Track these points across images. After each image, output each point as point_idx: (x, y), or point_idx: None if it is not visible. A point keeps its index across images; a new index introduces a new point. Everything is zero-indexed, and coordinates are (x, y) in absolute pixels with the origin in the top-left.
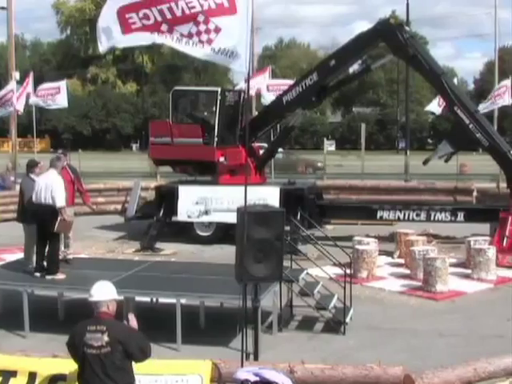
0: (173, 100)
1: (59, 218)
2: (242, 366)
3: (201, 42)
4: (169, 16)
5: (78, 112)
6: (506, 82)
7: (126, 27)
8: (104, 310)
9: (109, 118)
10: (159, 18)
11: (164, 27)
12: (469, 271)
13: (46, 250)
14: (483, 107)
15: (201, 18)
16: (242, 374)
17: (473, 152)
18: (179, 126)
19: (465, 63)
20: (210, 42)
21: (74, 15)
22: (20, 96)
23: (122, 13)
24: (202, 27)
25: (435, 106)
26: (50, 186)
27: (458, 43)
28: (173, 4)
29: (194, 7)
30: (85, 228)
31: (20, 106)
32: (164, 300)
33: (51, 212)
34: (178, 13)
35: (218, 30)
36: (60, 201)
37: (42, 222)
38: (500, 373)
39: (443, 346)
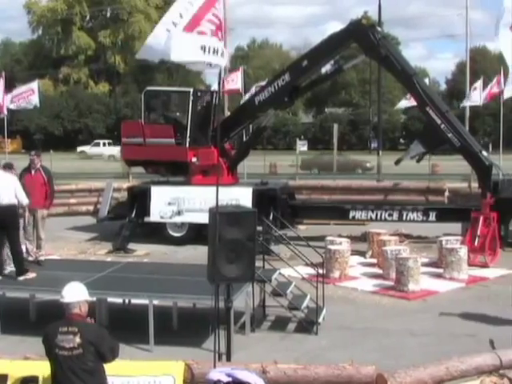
0: (145, 100)
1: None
2: (214, 366)
3: (214, 32)
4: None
5: (49, 112)
6: (478, 83)
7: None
8: (76, 311)
9: (81, 119)
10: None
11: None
12: (441, 271)
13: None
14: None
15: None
16: (215, 375)
17: (445, 152)
18: (151, 127)
19: (437, 64)
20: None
21: (45, 15)
22: None
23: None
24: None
25: (404, 102)
26: (11, 187)
27: (430, 44)
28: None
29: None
30: (57, 229)
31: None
32: (136, 301)
33: (11, 212)
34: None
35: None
36: (26, 198)
37: (1, 223)
38: (472, 371)
39: (415, 346)
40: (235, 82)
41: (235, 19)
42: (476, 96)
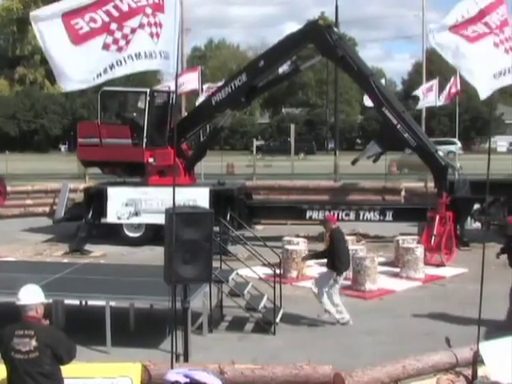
0: (101, 101)
1: None
2: (172, 367)
3: (151, 34)
4: (116, 14)
5: (4, 113)
6: (434, 82)
7: (74, 37)
8: (32, 313)
9: (37, 119)
10: (106, 19)
11: (113, 26)
12: (397, 270)
13: None
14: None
15: (148, 11)
16: (172, 376)
17: (401, 152)
18: (108, 127)
19: (393, 64)
20: (157, 35)
21: (0, 14)
22: None
23: (67, 21)
24: (152, 19)
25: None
26: None
27: (387, 44)
28: (117, 2)
29: (140, 1)
30: (12, 231)
31: None
32: (93, 302)
33: None
34: (125, 8)
35: (160, 25)
36: None
37: None
38: (428, 370)
39: (373, 345)
40: (192, 82)
41: (192, 19)
42: (432, 97)
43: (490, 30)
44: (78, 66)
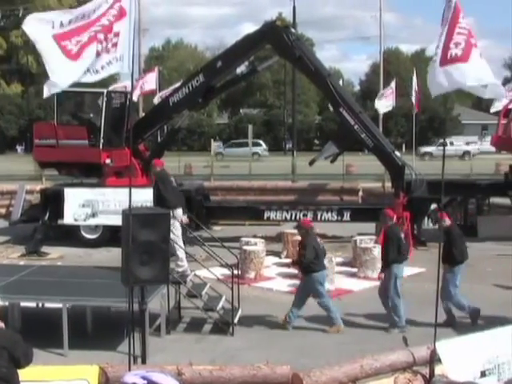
0: (58, 101)
1: None
2: (129, 369)
3: (107, 49)
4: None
5: None
6: (393, 85)
7: (68, 54)
8: None
9: None
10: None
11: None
12: (355, 270)
13: None
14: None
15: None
16: (130, 378)
17: (359, 152)
18: (64, 128)
19: (350, 65)
20: (115, 45)
21: None
22: None
23: (58, 39)
24: (110, 36)
25: None
26: None
27: (344, 45)
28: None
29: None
30: None
31: None
32: (50, 305)
33: None
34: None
35: (117, 34)
36: None
37: None
38: (386, 369)
39: (331, 344)
40: (150, 82)
41: (149, 19)
42: (389, 100)
43: (469, 42)
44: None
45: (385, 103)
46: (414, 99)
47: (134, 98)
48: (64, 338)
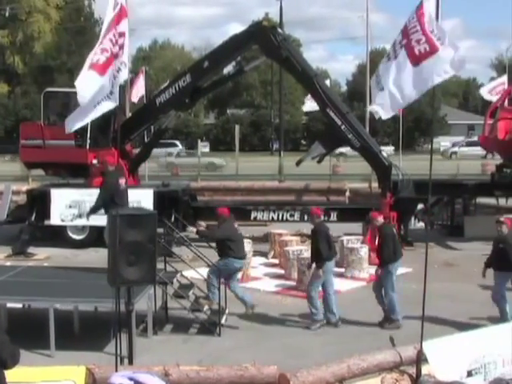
0: (44, 101)
1: None
2: (116, 370)
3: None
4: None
5: None
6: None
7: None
8: None
9: None
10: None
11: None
12: (342, 270)
13: None
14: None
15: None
16: (117, 379)
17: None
18: (51, 128)
19: (338, 65)
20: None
21: None
22: None
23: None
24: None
25: (309, 105)
26: None
27: (331, 45)
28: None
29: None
30: None
31: None
32: (37, 306)
33: None
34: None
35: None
36: None
37: None
38: (373, 369)
39: (318, 345)
40: (141, 87)
41: (136, 20)
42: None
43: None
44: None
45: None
46: None
47: (135, 100)
48: (51, 339)
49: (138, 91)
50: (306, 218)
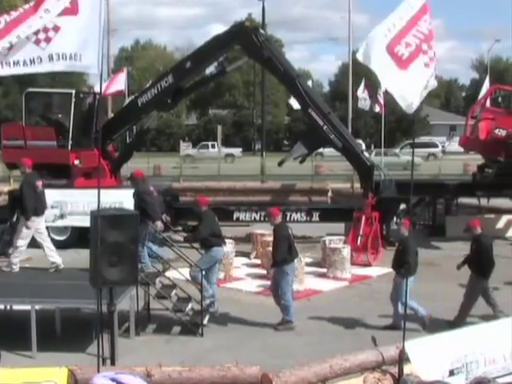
0: (26, 102)
1: None
2: (98, 371)
3: (38, 40)
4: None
5: None
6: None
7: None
8: None
9: None
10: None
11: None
12: (324, 270)
13: None
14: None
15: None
16: (99, 380)
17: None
18: (33, 129)
19: (320, 66)
20: (48, 40)
21: None
22: None
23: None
24: (42, 24)
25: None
26: None
27: (314, 46)
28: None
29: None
30: None
31: None
32: (18, 307)
33: None
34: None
35: (57, 28)
36: None
37: None
38: (355, 369)
39: (300, 345)
40: (119, 83)
41: (118, 20)
42: (367, 100)
43: (419, 47)
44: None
45: (364, 103)
46: (381, 99)
47: (111, 91)
48: (32, 340)
49: (116, 85)
50: (288, 218)
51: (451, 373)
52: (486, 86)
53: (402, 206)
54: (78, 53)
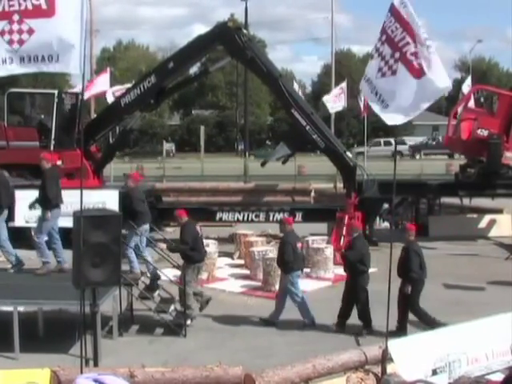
0: (8, 102)
1: None
2: (81, 372)
3: (12, 41)
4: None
5: None
6: (343, 85)
7: None
8: None
9: None
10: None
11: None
12: (307, 270)
13: None
14: (332, 107)
15: (16, 18)
16: (81, 381)
17: (310, 153)
18: (15, 129)
19: (303, 66)
20: (21, 42)
21: None
22: None
23: None
24: (16, 27)
25: None
26: None
27: (296, 46)
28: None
29: (13, 5)
30: None
31: None
32: (0, 308)
33: None
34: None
35: (31, 31)
36: None
37: None
38: (338, 368)
39: (283, 345)
40: (102, 84)
41: (100, 20)
42: (342, 101)
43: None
44: None
45: (333, 104)
46: (361, 103)
47: (92, 93)
48: (15, 342)
49: (99, 86)
50: (271, 218)
51: (434, 372)
52: (468, 85)
53: (385, 206)
54: (54, 54)
